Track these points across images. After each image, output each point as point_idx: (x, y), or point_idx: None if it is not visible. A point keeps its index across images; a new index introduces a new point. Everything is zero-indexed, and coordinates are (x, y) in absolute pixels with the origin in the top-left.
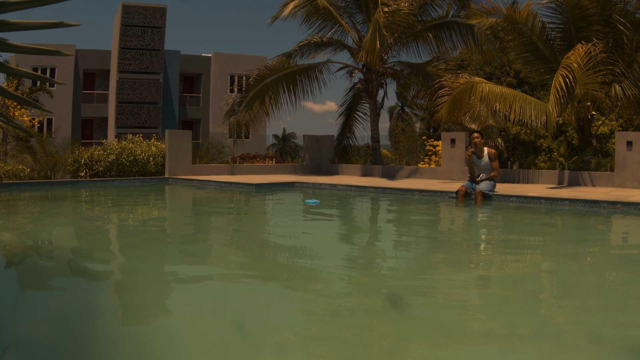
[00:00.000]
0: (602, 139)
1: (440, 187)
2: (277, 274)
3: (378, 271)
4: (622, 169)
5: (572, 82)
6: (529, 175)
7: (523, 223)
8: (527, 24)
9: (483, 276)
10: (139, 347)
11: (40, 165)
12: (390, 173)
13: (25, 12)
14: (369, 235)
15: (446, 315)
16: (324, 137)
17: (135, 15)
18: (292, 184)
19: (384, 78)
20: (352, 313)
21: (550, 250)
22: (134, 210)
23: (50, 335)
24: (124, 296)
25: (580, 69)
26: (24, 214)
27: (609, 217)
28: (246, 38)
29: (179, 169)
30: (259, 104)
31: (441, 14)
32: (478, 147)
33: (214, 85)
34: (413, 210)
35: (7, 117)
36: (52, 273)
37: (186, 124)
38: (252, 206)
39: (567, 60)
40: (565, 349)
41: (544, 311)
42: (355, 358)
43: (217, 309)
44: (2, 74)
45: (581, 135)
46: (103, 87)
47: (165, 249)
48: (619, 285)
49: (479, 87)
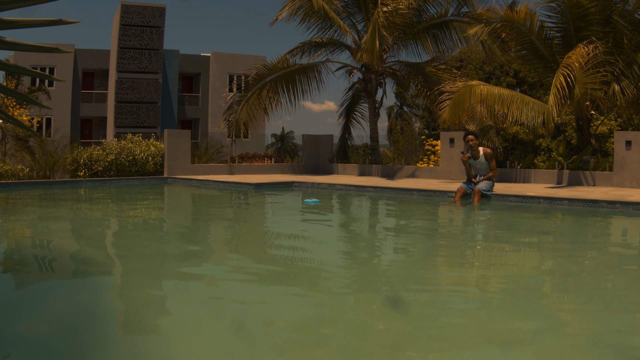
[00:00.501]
0: (601, 139)
1: (439, 186)
2: (276, 274)
3: (377, 271)
4: (621, 169)
5: (573, 82)
6: (527, 174)
7: (522, 223)
8: (526, 23)
9: (482, 276)
10: (139, 347)
11: (39, 164)
12: (389, 173)
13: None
14: (368, 235)
15: (445, 315)
16: (323, 137)
17: (134, 15)
18: (291, 183)
19: (383, 77)
20: (351, 313)
21: (549, 250)
22: (132, 210)
23: (49, 336)
24: (122, 296)
25: (581, 69)
26: (22, 213)
27: (608, 217)
28: (245, 38)
29: (177, 168)
30: (257, 102)
31: (440, 13)
32: (474, 148)
33: (213, 85)
34: (412, 210)
35: (7, 114)
36: (50, 273)
37: (185, 123)
38: (251, 206)
39: (568, 60)
40: (565, 349)
41: (544, 311)
42: (354, 358)
43: (216, 309)
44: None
45: (580, 135)
46: (102, 86)
47: (164, 248)
48: (618, 285)
49: (477, 89)
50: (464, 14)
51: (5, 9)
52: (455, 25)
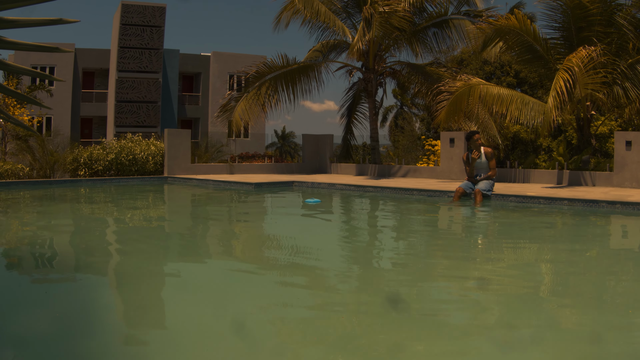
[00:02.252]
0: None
1: (439, 186)
2: (276, 273)
3: (377, 270)
4: (621, 169)
5: (572, 85)
6: (528, 174)
7: (522, 222)
8: (523, 27)
9: (483, 275)
10: (139, 348)
11: (39, 164)
12: (389, 172)
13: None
14: (368, 235)
15: (446, 315)
16: (324, 137)
17: (134, 14)
18: (291, 183)
19: (383, 77)
20: (351, 312)
21: (550, 250)
22: (132, 209)
23: (48, 336)
24: (123, 295)
25: (581, 70)
26: (23, 212)
27: (608, 217)
28: (246, 38)
29: (178, 168)
30: (256, 99)
31: (440, 12)
32: (478, 147)
33: (213, 85)
34: (412, 210)
35: (7, 114)
36: (50, 272)
37: (185, 123)
38: (251, 205)
39: (568, 63)
40: (566, 349)
41: (544, 310)
42: (355, 358)
43: (217, 308)
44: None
45: (580, 135)
46: (102, 86)
47: (164, 248)
48: (618, 285)
49: (477, 89)
50: (464, 12)
51: (5, 8)
52: (456, 24)
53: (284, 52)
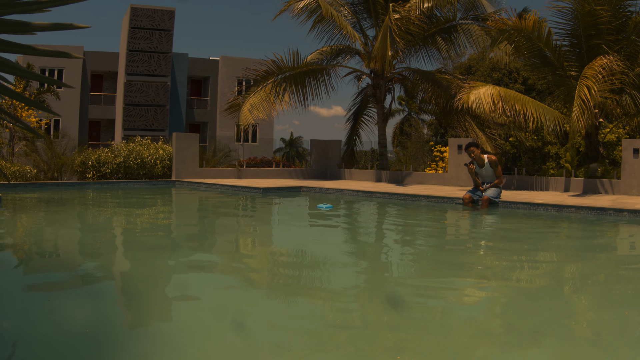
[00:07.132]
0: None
1: (447, 193)
2: (283, 279)
3: (385, 275)
4: (629, 176)
5: (595, 93)
6: (535, 182)
7: (529, 230)
8: (534, 31)
9: (491, 282)
10: (140, 350)
11: (47, 166)
12: (397, 178)
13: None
14: (376, 240)
15: (450, 318)
16: (331, 142)
17: (143, 18)
18: (299, 188)
19: (392, 83)
20: (356, 316)
21: (557, 257)
22: (140, 213)
23: (51, 338)
24: (126, 298)
25: (597, 79)
26: (30, 214)
27: (615, 225)
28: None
29: (185, 172)
30: (265, 96)
31: (448, 17)
32: (476, 158)
33: (222, 89)
34: (421, 216)
35: (16, 117)
36: (55, 275)
37: (193, 127)
38: (259, 210)
39: (589, 71)
40: (567, 351)
41: (548, 315)
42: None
43: (221, 312)
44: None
45: (588, 143)
46: (110, 89)
47: (171, 252)
48: (622, 288)
49: (494, 89)
50: (473, 17)
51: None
52: (464, 29)
53: (295, 49)
